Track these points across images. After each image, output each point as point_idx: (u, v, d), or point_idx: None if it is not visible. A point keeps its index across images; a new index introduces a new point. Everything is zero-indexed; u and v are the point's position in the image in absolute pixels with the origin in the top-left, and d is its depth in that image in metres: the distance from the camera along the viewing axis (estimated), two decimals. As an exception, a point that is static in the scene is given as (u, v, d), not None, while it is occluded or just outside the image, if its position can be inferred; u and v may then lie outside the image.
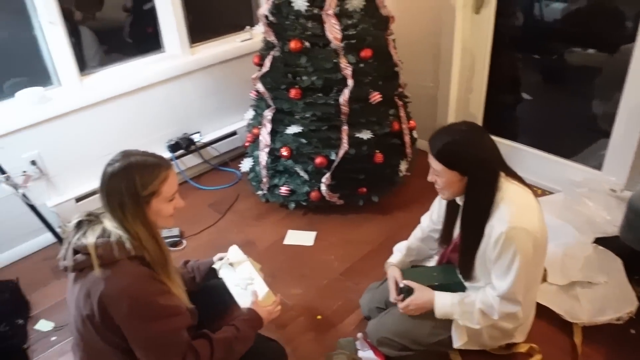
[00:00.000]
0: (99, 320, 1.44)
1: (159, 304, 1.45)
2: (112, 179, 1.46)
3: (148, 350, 1.48)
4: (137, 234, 1.48)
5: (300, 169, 2.78)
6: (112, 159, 1.51)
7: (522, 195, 1.71)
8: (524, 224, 1.62)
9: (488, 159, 1.66)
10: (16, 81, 2.66)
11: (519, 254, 1.63)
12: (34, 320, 2.40)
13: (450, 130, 1.70)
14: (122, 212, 1.46)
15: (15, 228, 2.73)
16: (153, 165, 1.51)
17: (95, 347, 1.52)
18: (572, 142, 3.04)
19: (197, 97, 3.29)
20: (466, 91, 3.27)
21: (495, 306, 1.73)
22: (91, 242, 1.44)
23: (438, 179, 1.72)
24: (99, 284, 1.42)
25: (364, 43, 2.59)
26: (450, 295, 1.84)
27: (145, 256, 1.49)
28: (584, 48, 2.86)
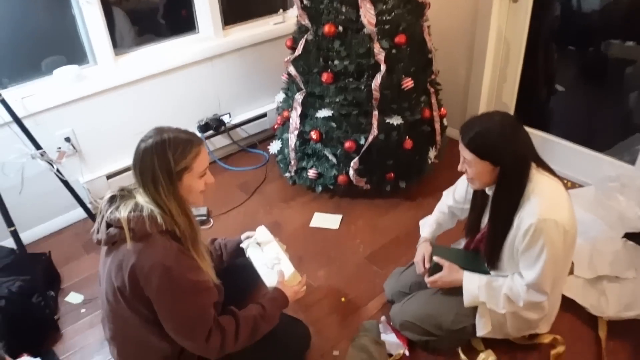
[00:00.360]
0: (130, 292, 1.48)
1: (189, 279, 1.49)
2: (145, 155, 1.49)
3: (176, 323, 1.52)
4: (170, 209, 1.51)
5: (329, 152, 2.80)
6: (145, 135, 1.54)
7: (553, 187, 1.69)
8: (554, 216, 1.61)
9: (521, 150, 1.64)
10: (54, 59, 2.71)
11: (548, 246, 1.62)
12: (64, 293, 2.48)
13: (483, 120, 1.67)
14: (154, 187, 1.49)
15: (48, 203, 2.82)
16: (185, 141, 1.54)
17: (124, 319, 1.57)
18: (605, 136, 2.98)
19: (229, 78, 3.32)
20: (499, 80, 3.23)
21: (522, 294, 1.73)
22: (124, 216, 1.48)
23: (469, 168, 1.71)
24: (130, 256, 1.46)
25: (398, 29, 2.57)
26: (478, 276, 1.84)
27: (176, 231, 1.52)
28: (622, 40, 2.79)
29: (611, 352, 2.00)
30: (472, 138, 1.64)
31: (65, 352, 2.18)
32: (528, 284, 1.71)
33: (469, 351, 1.99)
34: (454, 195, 2.11)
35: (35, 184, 2.70)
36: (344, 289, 2.38)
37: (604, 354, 1.98)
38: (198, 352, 1.58)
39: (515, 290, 1.76)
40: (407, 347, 2.02)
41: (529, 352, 2.00)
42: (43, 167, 2.56)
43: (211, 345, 1.54)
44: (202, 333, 1.52)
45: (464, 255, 2.00)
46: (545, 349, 2.01)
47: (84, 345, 2.21)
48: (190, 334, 1.52)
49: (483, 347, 2.00)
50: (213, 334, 1.54)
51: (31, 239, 2.81)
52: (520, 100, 3.21)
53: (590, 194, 2.68)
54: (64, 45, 2.75)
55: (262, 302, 1.72)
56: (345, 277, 2.44)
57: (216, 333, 1.55)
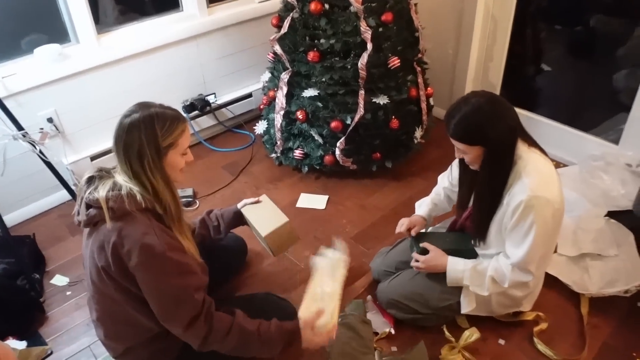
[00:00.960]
0: (115, 270, 1.47)
1: (170, 257, 1.47)
2: (131, 129, 1.47)
3: (158, 302, 1.51)
4: (154, 185, 1.51)
5: (315, 132, 2.78)
6: (128, 110, 1.52)
7: (544, 164, 1.69)
8: (545, 193, 1.62)
9: (504, 126, 1.62)
10: (34, 38, 2.65)
11: (537, 223, 1.63)
12: (49, 275, 2.46)
13: (460, 106, 1.64)
14: (140, 162, 1.48)
15: (32, 185, 2.78)
16: (172, 117, 1.53)
17: (111, 299, 1.56)
18: (590, 115, 2.99)
19: (214, 58, 3.28)
20: (486, 59, 3.22)
21: (507, 274, 1.75)
22: (102, 196, 1.46)
23: (464, 155, 1.71)
24: (111, 235, 1.45)
25: (385, 6, 2.55)
26: (463, 260, 1.86)
27: (157, 209, 1.51)
28: (608, 19, 2.79)
29: (593, 328, 2.03)
30: (455, 128, 1.64)
31: (52, 335, 2.17)
32: (514, 262, 1.73)
33: (453, 329, 2.01)
34: (450, 178, 2.12)
35: (18, 165, 2.66)
36: (331, 268, 2.38)
37: (586, 330, 2.01)
38: (181, 337, 1.56)
39: (501, 270, 1.77)
40: (393, 326, 2.04)
41: (512, 329, 2.03)
42: (25, 149, 2.53)
43: (194, 333, 1.52)
44: (184, 317, 1.50)
45: (449, 236, 2.02)
46: (529, 325, 2.04)
47: (70, 327, 2.20)
48: (172, 316, 1.51)
49: (468, 324, 2.03)
50: (199, 323, 1.51)
51: (15, 222, 2.78)
52: (506, 79, 3.20)
53: (575, 172, 2.71)
54: (45, 24, 2.69)
55: (272, 324, 1.63)
56: (332, 257, 2.45)
57: (203, 325, 1.52)
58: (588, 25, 2.89)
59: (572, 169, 2.79)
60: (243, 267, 2.39)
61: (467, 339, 1.94)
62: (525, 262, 1.71)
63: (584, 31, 2.93)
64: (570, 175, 2.68)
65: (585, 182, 2.58)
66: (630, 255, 2.22)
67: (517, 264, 1.73)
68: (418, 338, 2.00)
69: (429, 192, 2.20)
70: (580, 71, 3.07)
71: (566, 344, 1.98)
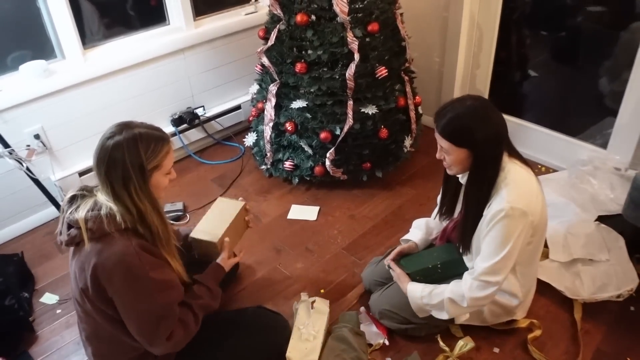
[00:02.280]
0: (93, 293, 1.45)
1: (152, 277, 1.45)
2: (115, 152, 1.43)
3: (139, 323, 1.48)
4: (140, 209, 1.47)
5: (305, 143, 2.78)
6: (109, 131, 1.48)
7: (524, 176, 1.69)
8: (521, 206, 1.62)
9: (494, 133, 1.63)
10: (20, 54, 2.63)
11: (510, 234, 1.63)
12: (39, 294, 2.43)
13: (455, 106, 1.66)
14: (124, 185, 1.45)
15: (19, 202, 2.75)
16: (157, 138, 1.50)
17: (93, 319, 1.55)
18: (578, 120, 3.01)
19: (201, 71, 3.27)
20: (473, 67, 3.24)
21: (465, 293, 1.73)
22: (81, 216, 1.44)
23: (446, 156, 1.70)
24: (90, 257, 1.43)
25: (371, 17, 2.56)
26: (421, 286, 1.86)
27: (139, 229, 1.48)
28: (594, 24, 2.81)
29: (586, 333, 2.03)
30: (445, 125, 1.64)
31: (42, 354, 2.14)
32: (479, 273, 1.70)
33: (448, 338, 2.01)
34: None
35: (5, 183, 2.64)
36: (323, 280, 2.37)
37: (579, 336, 2.01)
38: (163, 352, 1.56)
39: (458, 291, 1.76)
40: (387, 337, 2.03)
41: (506, 337, 2.03)
42: (12, 166, 2.50)
43: (174, 340, 1.53)
44: (165, 331, 1.50)
45: (436, 251, 2.00)
46: (523, 333, 2.04)
47: (61, 346, 2.17)
48: (153, 334, 1.49)
49: (462, 333, 2.02)
50: (175, 331, 1.53)
51: (2, 240, 2.75)
52: (493, 86, 3.22)
53: (563, 178, 2.72)
54: (30, 40, 2.67)
55: (208, 285, 1.72)
56: (323, 269, 2.44)
57: (178, 330, 1.54)
58: (573, 31, 2.92)
59: (560, 174, 2.80)
60: (234, 281, 2.37)
61: (462, 349, 1.94)
62: (490, 272, 1.68)
63: (569, 36, 2.95)
64: (559, 181, 2.69)
65: (574, 187, 2.59)
66: (621, 260, 2.22)
67: (481, 274, 1.70)
68: (412, 348, 1.99)
69: (420, 201, 2.20)
70: (566, 76, 3.09)
71: (560, 351, 1.98)
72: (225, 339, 1.77)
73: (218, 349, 1.75)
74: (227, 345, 1.76)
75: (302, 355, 1.88)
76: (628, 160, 2.64)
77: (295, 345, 1.91)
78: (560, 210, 2.45)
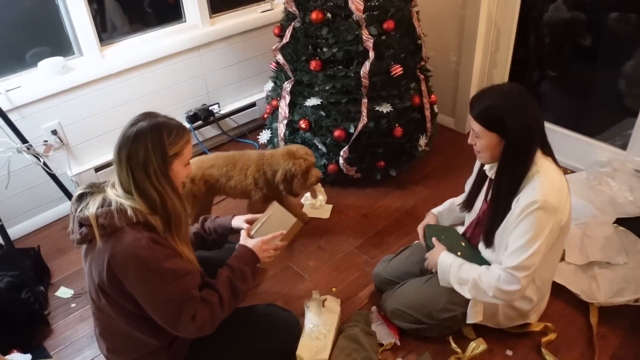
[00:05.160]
0: (110, 288, 1.46)
1: (165, 267, 1.46)
2: (137, 138, 1.45)
3: (161, 311, 1.50)
4: (162, 194, 1.49)
5: (319, 141, 2.77)
6: (133, 119, 1.50)
7: (557, 173, 1.67)
8: (553, 202, 1.59)
9: (528, 124, 1.60)
10: (38, 51, 2.67)
11: (539, 229, 1.60)
12: (54, 288, 2.46)
13: (492, 91, 1.65)
14: (145, 169, 1.46)
15: (36, 197, 2.79)
16: (178, 126, 1.53)
17: (107, 315, 1.56)
18: (597, 121, 2.97)
19: (217, 68, 3.28)
20: (490, 66, 3.20)
21: (493, 282, 1.69)
22: (92, 213, 1.44)
23: (477, 141, 1.68)
24: (104, 253, 1.43)
25: (386, 15, 2.54)
26: (454, 257, 1.83)
27: (150, 221, 1.48)
28: (614, 24, 2.76)
29: (602, 338, 2.00)
30: (481, 109, 1.62)
31: (56, 347, 2.17)
32: (507, 267, 1.67)
33: (460, 340, 1.99)
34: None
35: (22, 178, 2.67)
36: (335, 279, 2.37)
37: (595, 340, 1.98)
38: (192, 336, 1.57)
39: (487, 277, 1.72)
40: (398, 337, 2.02)
41: (520, 340, 2.00)
42: (29, 161, 2.53)
43: (200, 322, 1.53)
44: (189, 315, 1.50)
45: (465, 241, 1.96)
46: (537, 336, 2.01)
47: (75, 339, 2.20)
48: (177, 319, 1.50)
49: (474, 335, 2.00)
50: (199, 312, 1.53)
51: (20, 234, 2.79)
52: (511, 85, 3.18)
53: (581, 179, 2.68)
54: (49, 37, 2.71)
55: (229, 262, 1.70)
56: (335, 267, 2.43)
57: (203, 309, 1.54)
58: (592, 30, 2.87)
59: (579, 175, 2.75)
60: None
61: (474, 351, 1.92)
62: (519, 267, 1.64)
63: (588, 35, 2.90)
64: (577, 182, 2.65)
65: (593, 188, 2.55)
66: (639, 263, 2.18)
67: (510, 268, 1.66)
68: (423, 349, 1.98)
69: (433, 201, 2.19)
70: (585, 76, 3.04)
71: (575, 355, 1.95)
72: (235, 336, 1.77)
73: (228, 346, 1.75)
74: (238, 342, 1.76)
75: (312, 353, 1.88)
76: (648, 162, 2.58)
77: (306, 344, 1.90)
78: (577, 212, 2.41)
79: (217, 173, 2.38)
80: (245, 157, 2.40)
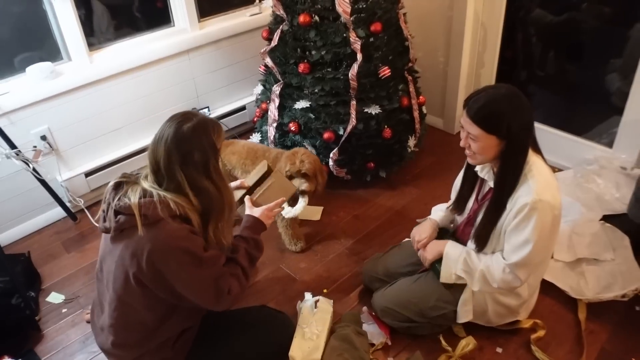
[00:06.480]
0: (149, 276, 1.48)
1: (204, 256, 1.51)
2: (192, 136, 1.48)
3: (201, 293, 1.55)
4: (220, 186, 1.55)
5: (308, 144, 2.78)
6: (178, 119, 1.51)
7: (547, 170, 1.69)
8: (548, 198, 1.61)
9: (528, 123, 1.62)
10: (27, 56, 2.66)
11: (538, 227, 1.62)
12: (45, 293, 2.45)
13: (489, 92, 1.61)
14: (204, 168, 1.50)
15: (26, 203, 2.78)
16: (216, 123, 1.59)
17: (129, 305, 1.57)
18: (583, 119, 2.99)
19: (206, 71, 3.29)
20: (477, 66, 3.23)
21: (498, 274, 1.73)
22: (135, 202, 1.46)
23: (473, 143, 1.65)
24: (146, 243, 1.45)
25: (374, 17, 2.56)
26: (461, 247, 1.85)
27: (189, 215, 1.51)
28: (599, 23, 2.80)
29: (591, 333, 2.02)
30: (479, 111, 1.59)
31: (47, 353, 2.16)
32: (510, 264, 1.70)
33: (450, 338, 2.01)
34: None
35: (12, 184, 2.66)
36: (326, 280, 2.38)
37: (583, 336, 2.00)
38: (227, 307, 1.62)
39: (492, 269, 1.75)
40: (389, 336, 2.03)
41: (509, 337, 2.02)
42: (19, 167, 2.53)
43: (234, 293, 1.59)
44: (225, 291, 1.57)
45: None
46: (526, 333, 2.03)
47: (66, 345, 2.19)
48: (215, 297, 1.56)
49: (464, 333, 2.02)
50: (233, 285, 1.59)
51: (10, 240, 2.78)
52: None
53: (569, 177, 2.71)
54: (37, 42, 2.70)
55: (242, 235, 1.76)
56: (326, 268, 2.44)
57: (233, 282, 1.60)
58: (577, 30, 2.90)
59: (566, 173, 2.78)
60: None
61: (464, 348, 1.94)
62: (520, 264, 1.68)
63: (573, 35, 2.94)
64: (564, 180, 2.68)
65: (580, 186, 2.58)
66: (626, 259, 2.21)
67: (512, 265, 1.69)
68: (414, 348, 1.99)
69: (423, 201, 2.19)
70: (571, 75, 3.08)
71: (564, 351, 1.97)
72: (228, 338, 1.78)
73: (222, 347, 1.76)
74: (231, 344, 1.77)
75: (305, 354, 1.89)
76: (634, 159, 2.61)
77: (298, 344, 1.91)
78: (565, 210, 2.43)
79: (236, 162, 2.47)
80: (266, 154, 2.46)
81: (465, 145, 1.70)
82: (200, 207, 1.54)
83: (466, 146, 1.70)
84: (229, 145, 2.52)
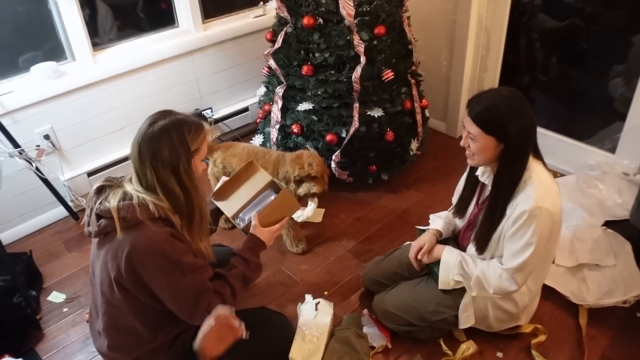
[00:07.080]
0: (127, 280, 1.48)
1: (184, 261, 1.49)
2: (161, 136, 1.47)
3: (178, 302, 1.53)
4: (189, 188, 1.52)
5: (311, 146, 2.79)
6: (152, 117, 1.51)
7: (547, 176, 1.69)
8: (547, 205, 1.61)
9: (527, 129, 1.62)
10: (31, 55, 2.67)
11: (537, 234, 1.62)
12: (46, 292, 2.46)
13: (491, 94, 1.64)
14: (173, 168, 1.48)
15: (28, 201, 2.78)
16: (196, 123, 1.55)
17: (117, 309, 1.57)
18: (586, 125, 2.99)
19: (210, 73, 3.29)
20: (480, 70, 3.23)
21: (493, 280, 1.73)
22: (113, 205, 1.46)
23: (472, 143, 1.67)
24: (124, 245, 1.45)
25: (377, 20, 2.56)
26: (457, 252, 1.85)
27: (170, 217, 1.51)
28: (603, 29, 2.80)
29: (592, 339, 2.02)
30: (479, 112, 1.61)
31: (48, 352, 2.16)
32: (508, 269, 1.70)
33: (451, 342, 2.00)
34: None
35: (14, 182, 2.67)
36: (327, 282, 2.38)
37: (584, 341, 2.00)
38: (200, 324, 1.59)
39: (488, 274, 1.75)
40: (390, 339, 2.03)
41: (510, 341, 2.02)
42: (22, 166, 2.54)
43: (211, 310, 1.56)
44: (204, 305, 1.54)
45: None
46: (527, 338, 2.02)
47: (67, 344, 2.19)
48: (193, 310, 1.54)
49: (465, 337, 2.01)
50: (213, 303, 1.56)
51: (11, 239, 2.78)
52: (502, 90, 3.20)
53: (571, 182, 2.70)
54: (41, 41, 2.71)
55: (243, 255, 1.73)
56: (327, 271, 2.44)
57: (215, 301, 1.57)
58: (581, 36, 2.90)
59: (568, 178, 2.78)
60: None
61: (464, 353, 1.94)
62: (517, 269, 1.68)
63: (577, 41, 2.94)
64: (566, 185, 2.67)
65: (582, 191, 2.57)
66: (628, 265, 2.20)
67: (510, 270, 1.70)
68: (415, 352, 1.99)
69: (425, 204, 2.19)
70: (574, 80, 3.07)
71: (564, 356, 1.96)
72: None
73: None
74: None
75: (305, 356, 1.89)
76: (636, 165, 2.61)
77: (299, 346, 1.91)
78: (567, 215, 2.43)
79: (236, 164, 2.44)
80: (266, 157, 2.45)
81: (465, 145, 1.72)
82: (172, 208, 1.52)
83: (466, 145, 1.72)
84: (229, 147, 2.52)
